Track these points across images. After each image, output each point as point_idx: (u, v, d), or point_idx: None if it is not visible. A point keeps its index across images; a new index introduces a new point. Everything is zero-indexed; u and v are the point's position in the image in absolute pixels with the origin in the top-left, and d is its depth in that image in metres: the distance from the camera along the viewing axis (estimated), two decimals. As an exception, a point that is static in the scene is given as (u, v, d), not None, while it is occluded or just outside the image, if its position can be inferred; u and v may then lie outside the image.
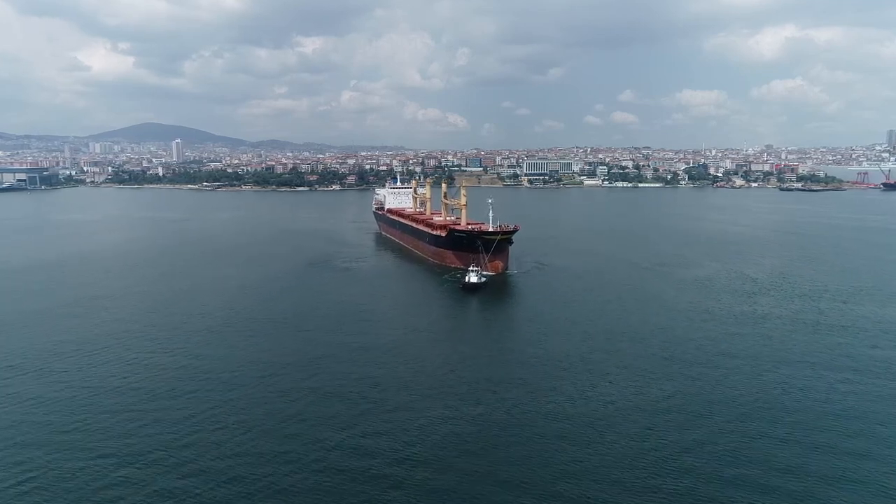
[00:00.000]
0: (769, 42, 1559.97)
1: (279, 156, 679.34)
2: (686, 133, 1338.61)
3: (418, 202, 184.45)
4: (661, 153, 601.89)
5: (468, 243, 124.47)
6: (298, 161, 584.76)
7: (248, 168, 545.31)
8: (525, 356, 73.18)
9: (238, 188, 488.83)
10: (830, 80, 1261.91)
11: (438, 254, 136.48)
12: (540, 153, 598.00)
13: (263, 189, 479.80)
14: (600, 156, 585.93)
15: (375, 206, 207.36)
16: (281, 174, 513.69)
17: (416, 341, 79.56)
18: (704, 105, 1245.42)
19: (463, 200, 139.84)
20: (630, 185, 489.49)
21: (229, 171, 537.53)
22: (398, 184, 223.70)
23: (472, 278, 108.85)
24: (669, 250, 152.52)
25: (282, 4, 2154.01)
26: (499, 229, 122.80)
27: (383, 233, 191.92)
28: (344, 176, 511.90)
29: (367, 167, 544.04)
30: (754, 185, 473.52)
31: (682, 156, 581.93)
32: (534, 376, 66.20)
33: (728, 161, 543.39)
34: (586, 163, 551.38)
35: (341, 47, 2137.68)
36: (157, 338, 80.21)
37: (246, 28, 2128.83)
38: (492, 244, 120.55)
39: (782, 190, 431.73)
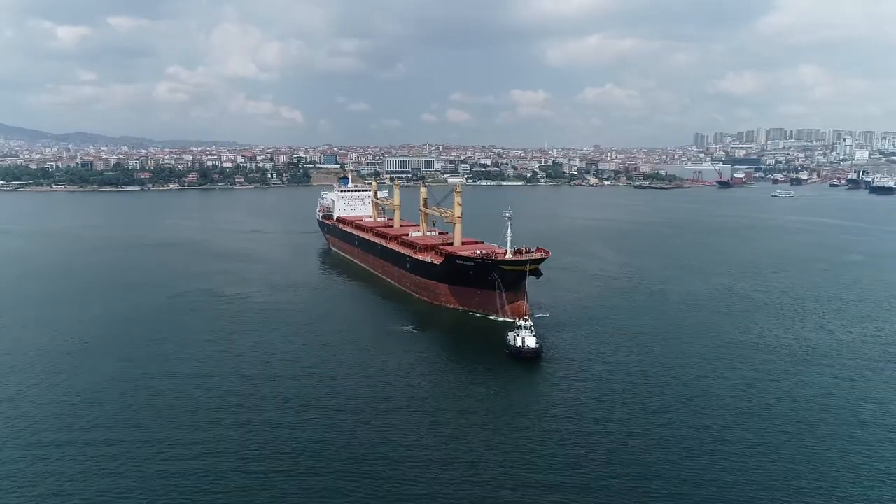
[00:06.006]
0: (584, 49, 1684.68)
1: (92, 150, 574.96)
2: (519, 132, 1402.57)
3: (380, 209, 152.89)
4: (513, 151, 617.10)
5: (478, 276, 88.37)
6: (120, 156, 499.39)
7: (58, 164, 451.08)
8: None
9: (47, 188, 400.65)
10: (638, 86, 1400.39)
11: (427, 287, 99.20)
12: (400, 150, 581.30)
13: (82, 189, 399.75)
14: (454, 154, 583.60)
15: (321, 214, 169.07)
16: (102, 171, 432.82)
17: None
18: (532, 106, 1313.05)
19: (458, 212, 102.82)
20: (493, 183, 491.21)
21: (33, 167, 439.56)
22: (349, 185, 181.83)
23: (529, 341, 68.37)
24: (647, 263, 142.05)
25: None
26: (523, 256, 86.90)
27: (333, 248, 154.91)
28: (183, 174, 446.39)
29: (210, 163, 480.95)
30: (607, 183, 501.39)
31: (530, 154, 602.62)
32: None
33: (578, 160, 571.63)
34: (447, 160, 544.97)
35: (160, 31, 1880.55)
36: None
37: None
38: (519, 278, 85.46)
39: (636, 188, 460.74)
